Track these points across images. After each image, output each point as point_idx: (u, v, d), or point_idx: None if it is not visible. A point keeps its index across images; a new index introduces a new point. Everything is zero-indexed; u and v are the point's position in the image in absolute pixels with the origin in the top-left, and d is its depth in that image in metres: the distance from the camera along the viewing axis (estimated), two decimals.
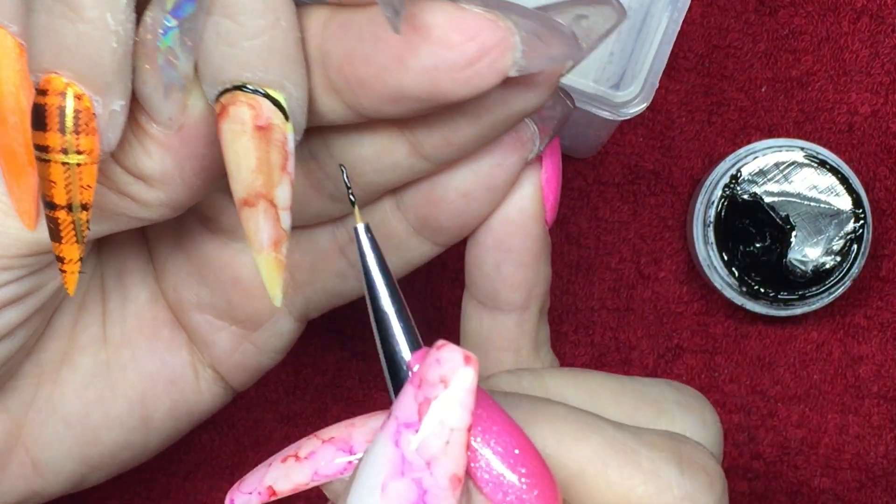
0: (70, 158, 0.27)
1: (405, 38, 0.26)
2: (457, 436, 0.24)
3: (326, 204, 0.32)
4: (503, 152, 0.31)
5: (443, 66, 0.26)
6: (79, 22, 0.26)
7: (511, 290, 0.33)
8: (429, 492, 0.24)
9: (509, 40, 0.26)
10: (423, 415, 0.24)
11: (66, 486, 0.36)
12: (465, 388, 0.24)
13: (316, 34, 0.27)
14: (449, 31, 0.26)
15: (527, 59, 0.26)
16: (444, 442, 0.24)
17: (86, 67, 0.26)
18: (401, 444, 0.24)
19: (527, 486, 0.25)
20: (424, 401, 0.24)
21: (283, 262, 0.28)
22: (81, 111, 0.26)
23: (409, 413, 0.24)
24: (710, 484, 0.27)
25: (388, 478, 0.24)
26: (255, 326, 0.35)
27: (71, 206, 0.27)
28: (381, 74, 0.27)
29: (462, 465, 0.24)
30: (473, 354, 0.24)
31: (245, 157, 0.27)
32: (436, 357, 0.24)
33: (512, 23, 0.26)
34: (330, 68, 0.27)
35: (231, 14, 0.26)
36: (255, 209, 0.27)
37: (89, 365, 0.35)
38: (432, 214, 0.32)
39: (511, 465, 0.25)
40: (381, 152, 0.30)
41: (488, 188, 0.31)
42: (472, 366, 0.24)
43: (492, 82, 0.26)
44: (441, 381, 0.24)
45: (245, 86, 0.26)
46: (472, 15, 0.26)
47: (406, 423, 0.24)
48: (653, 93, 0.39)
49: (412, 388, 0.24)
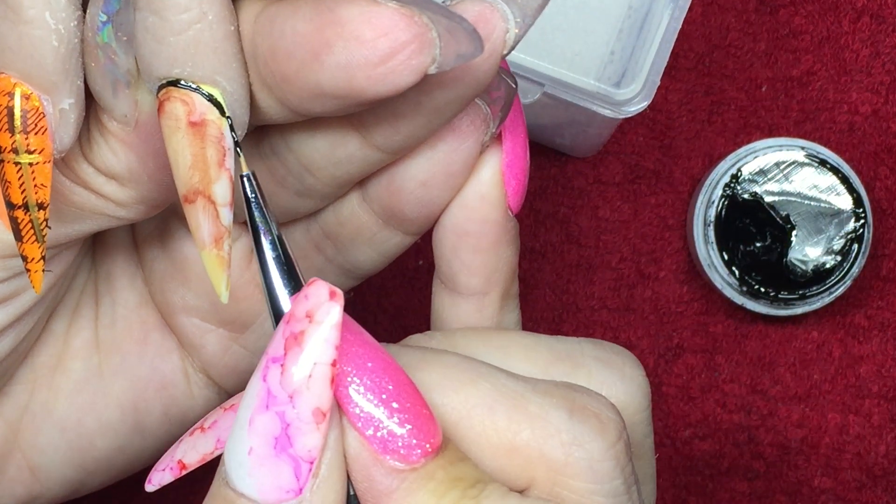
0: (22, 158, 0.27)
1: (321, 32, 0.26)
2: (320, 370, 0.24)
3: (293, 200, 0.32)
4: (457, 137, 0.30)
5: (356, 63, 0.25)
6: (19, 22, 0.26)
7: (469, 274, 0.32)
8: (291, 425, 0.24)
9: (425, 36, 0.25)
10: (289, 349, 0.24)
11: (63, 491, 0.36)
12: (331, 323, 0.24)
13: (248, 28, 0.27)
14: (361, 26, 0.25)
15: (442, 55, 0.26)
16: (307, 376, 0.24)
17: (30, 67, 0.26)
18: (267, 378, 0.24)
19: (399, 420, 0.25)
20: (290, 336, 0.24)
21: (225, 258, 0.27)
22: (30, 110, 0.26)
23: (276, 348, 0.24)
24: (601, 430, 0.27)
25: (255, 411, 0.24)
26: (242, 329, 0.35)
27: (27, 206, 0.27)
28: (301, 70, 0.26)
29: (326, 399, 0.24)
30: (339, 290, 0.24)
31: (181, 154, 0.26)
32: (304, 293, 0.24)
33: (427, 18, 0.25)
34: (259, 63, 0.27)
35: (156, 9, 0.25)
36: (195, 206, 0.27)
37: (81, 370, 0.35)
38: (396, 205, 0.31)
39: (383, 401, 0.25)
40: (334, 145, 0.30)
41: (447, 174, 0.31)
42: (338, 301, 0.24)
43: (410, 80, 0.26)
44: (307, 316, 0.24)
45: (180, 81, 0.26)
46: (386, 10, 0.25)
47: (273, 358, 0.24)
48: (654, 91, 0.39)
49: (282, 324, 0.24)
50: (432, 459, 0.25)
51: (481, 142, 0.30)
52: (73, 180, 0.29)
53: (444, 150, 0.30)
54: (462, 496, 0.25)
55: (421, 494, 0.25)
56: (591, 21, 0.44)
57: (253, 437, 0.24)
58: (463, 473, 0.25)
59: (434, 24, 0.26)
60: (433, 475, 0.25)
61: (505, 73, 0.31)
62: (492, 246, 0.32)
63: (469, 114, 0.30)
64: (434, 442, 0.25)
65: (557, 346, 0.30)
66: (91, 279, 0.35)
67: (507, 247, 0.32)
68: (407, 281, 0.50)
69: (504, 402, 0.27)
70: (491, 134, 0.30)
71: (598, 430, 0.27)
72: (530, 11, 0.28)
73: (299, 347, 0.24)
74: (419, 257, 0.50)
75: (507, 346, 0.30)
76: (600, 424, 0.27)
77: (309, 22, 0.26)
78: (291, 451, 0.24)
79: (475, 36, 0.26)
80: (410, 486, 0.25)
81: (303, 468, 0.24)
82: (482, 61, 0.27)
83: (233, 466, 0.24)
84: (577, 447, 0.26)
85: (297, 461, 0.24)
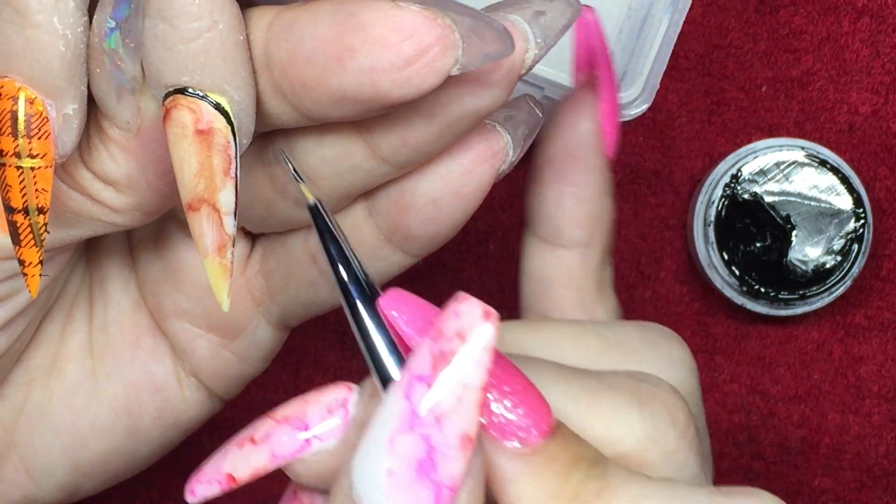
0: (24, 162, 0.26)
1: (344, 38, 0.26)
2: (470, 394, 0.23)
3: (292, 209, 0.32)
4: (472, 160, 0.30)
5: (380, 67, 0.26)
6: (26, 26, 0.25)
7: (574, 226, 0.32)
8: (437, 450, 0.23)
9: (449, 38, 0.26)
10: (438, 369, 0.23)
11: (59, 493, 0.36)
12: (483, 344, 0.23)
13: (261, 36, 0.27)
14: (385, 30, 0.25)
15: (466, 56, 0.26)
16: (457, 399, 0.23)
17: (35, 71, 0.26)
18: (412, 397, 0.23)
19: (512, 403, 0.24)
20: (440, 354, 0.23)
21: (228, 266, 0.27)
22: (34, 115, 0.26)
23: (422, 366, 0.23)
24: (672, 420, 0.27)
25: (397, 432, 0.23)
26: (233, 335, 0.35)
27: (27, 210, 0.27)
28: (322, 76, 0.26)
29: (474, 425, 0.23)
30: (494, 310, 0.23)
31: (187, 162, 0.26)
32: (454, 310, 0.23)
33: (451, 20, 0.26)
34: (274, 70, 0.27)
35: (167, 17, 0.25)
36: (199, 213, 0.27)
37: (75, 372, 0.35)
38: (402, 221, 0.31)
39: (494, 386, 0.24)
40: (340, 155, 0.29)
41: (457, 196, 0.30)
42: (492, 322, 0.23)
43: (433, 82, 0.26)
44: (458, 336, 0.23)
45: (187, 89, 0.26)
46: (409, 13, 0.25)
47: (419, 377, 0.23)
48: (653, 94, 0.39)
49: (428, 341, 0.23)
50: (551, 440, 0.25)
51: (497, 168, 0.30)
52: (71, 185, 0.29)
53: (458, 171, 0.30)
54: (587, 476, 0.25)
55: (548, 476, 0.24)
56: None
57: (393, 459, 0.23)
58: (584, 452, 0.25)
59: (457, 25, 0.26)
60: (556, 456, 0.25)
61: (533, 102, 0.31)
62: (595, 196, 0.32)
63: (488, 139, 0.30)
64: (549, 421, 0.25)
65: (606, 333, 0.30)
66: (85, 282, 0.35)
67: (607, 197, 0.32)
68: (407, 281, 0.50)
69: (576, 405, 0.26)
70: (510, 163, 0.30)
71: (669, 422, 0.27)
72: (552, 33, 0.28)
73: (449, 368, 0.23)
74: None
75: (555, 338, 0.30)
76: (670, 415, 0.27)
77: (330, 27, 0.26)
78: (434, 476, 0.23)
79: (505, 35, 0.26)
80: (535, 469, 0.24)
81: (444, 495, 0.23)
82: (499, 78, 0.27)
83: (367, 486, 0.23)
84: (653, 442, 0.26)
85: (439, 487, 0.23)
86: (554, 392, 0.26)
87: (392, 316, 0.25)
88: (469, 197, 0.30)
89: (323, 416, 0.26)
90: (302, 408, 0.26)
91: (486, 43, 0.26)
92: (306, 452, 0.26)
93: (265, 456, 0.26)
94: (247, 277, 0.34)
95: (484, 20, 0.26)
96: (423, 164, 0.30)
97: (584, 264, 0.33)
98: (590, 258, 0.33)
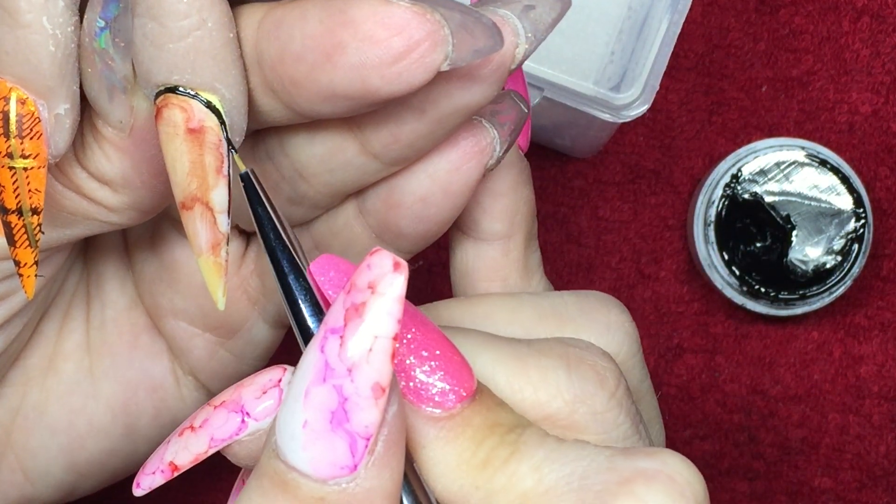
0: (17, 163, 0.26)
1: (333, 34, 0.26)
2: (381, 343, 0.23)
3: (284, 207, 0.31)
4: (460, 157, 0.30)
5: (370, 63, 0.26)
6: (16, 26, 0.25)
7: (492, 219, 0.32)
8: (349, 399, 0.23)
9: (439, 34, 0.25)
10: (350, 321, 0.23)
11: (56, 493, 0.36)
12: (394, 295, 0.23)
13: (251, 33, 0.27)
14: (375, 26, 0.25)
15: (455, 52, 0.26)
16: (368, 349, 0.23)
17: (26, 71, 0.26)
18: (325, 349, 0.23)
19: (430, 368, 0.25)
20: (351, 306, 0.23)
21: (222, 265, 0.27)
22: (26, 115, 0.26)
23: (336, 318, 0.23)
24: (600, 381, 0.27)
25: (311, 384, 0.23)
26: (229, 334, 0.35)
27: (21, 211, 0.27)
28: (312, 73, 0.26)
29: (386, 375, 0.23)
30: (404, 261, 0.23)
31: (179, 160, 0.26)
32: (367, 263, 0.23)
33: (440, 16, 0.26)
34: (265, 68, 0.27)
35: (155, 16, 0.25)
36: (192, 212, 0.27)
37: (73, 372, 0.35)
38: (392, 219, 0.31)
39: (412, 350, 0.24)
40: (332, 151, 0.29)
41: (445, 193, 0.30)
42: (402, 272, 0.23)
43: (423, 78, 0.26)
44: (369, 287, 0.23)
45: (178, 88, 0.26)
46: (398, 9, 0.25)
47: (332, 329, 0.23)
48: (653, 95, 0.39)
49: (342, 295, 0.23)
50: (468, 406, 0.25)
51: (485, 164, 0.30)
52: (66, 185, 0.29)
53: (446, 168, 0.30)
54: (500, 441, 0.25)
55: (460, 441, 0.25)
56: (591, 23, 0.44)
57: (308, 410, 0.23)
58: (500, 419, 0.25)
59: (447, 20, 0.26)
60: (470, 421, 0.25)
61: (518, 98, 0.31)
62: (510, 188, 0.32)
63: (475, 135, 0.30)
64: (468, 387, 0.25)
65: (542, 303, 0.30)
66: (82, 281, 0.35)
67: (524, 187, 0.32)
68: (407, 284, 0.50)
69: (505, 370, 0.27)
70: (497, 158, 0.30)
71: (597, 382, 0.27)
72: (542, 27, 0.28)
73: (360, 319, 0.23)
74: (419, 258, 0.50)
75: (490, 312, 0.30)
76: (598, 376, 0.27)
77: (320, 24, 0.26)
78: (348, 426, 0.23)
79: (494, 31, 0.26)
80: (448, 434, 0.25)
81: (359, 444, 0.23)
82: (489, 73, 0.27)
83: (285, 439, 0.23)
84: (581, 403, 0.27)
85: (353, 437, 0.23)
86: (482, 359, 0.27)
87: (321, 281, 0.26)
88: (457, 194, 0.30)
89: (257, 396, 0.26)
90: (237, 392, 0.26)
91: (476, 39, 0.26)
92: (243, 433, 0.26)
93: (204, 441, 0.26)
94: (242, 276, 0.34)
95: (473, 16, 0.26)
96: (414, 161, 0.30)
97: (506, 255, 0.33)
98: (511, 249, 0.33)
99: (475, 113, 0.29)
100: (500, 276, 0.33)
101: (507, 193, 0.32)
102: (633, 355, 0.30)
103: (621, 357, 0.30)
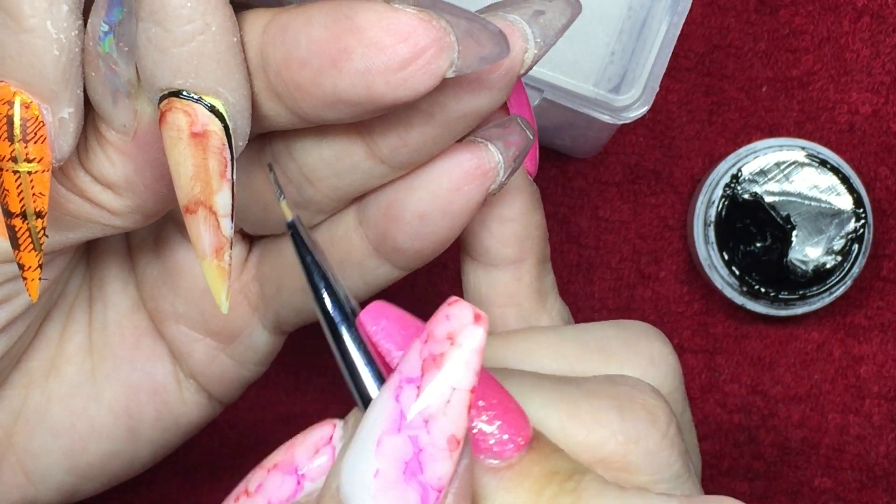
0: (21, 167, 0.26)
1: (339, 40, 0.26)
2: (459, 396, 0.23)
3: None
4: (462, 177, 0.30)
5: (375, 69, 0.25)
6: (20, 31, 0.25)
7: (502, 245, 0.32)
8: (424, 450, 0.23)
9: (445, 40, 0.25)
10: (427, 372, 0.23)
11: (58, 496, 0.36)
12: (473, 347, 0.23)
13: (256, 38, 0.27)
14: (381, 32, 0.25)
15: (461, 59, 0.26)
16: (445, 401, 0.23)
17: (30, 76, 0.26)
18: (400, 399, 0.23)
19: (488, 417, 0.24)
20: (429, 357, 0.23)
21: (225, 269, 0.27)
22: (30, 119, 0.26)
23: (412, 368, 0.23)
24: (652, 421, 0.27)
25: (385, 433, 0.23)
26: (229, 339, 0.35)
27: (25, 214, 0.27)
28: (317, 79, 0.26)
29: (462, 427, 0.23)
30: (484, 313, 0.23)
31: (183, 164, 0.26)
32: (445, 313, 0.23)
33: (446, 22, 0.26)
34: (270, 73, 0.27)
35: (159, 20, 0.25)
36: (196, 216, 0.27)
37: (75, 374, 0.35)
38: (390, 233, 0.31)
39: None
40: (339, 155, 0.29)
41: (444, 212, 0.30)
42: (482, 325, 0.23)
43: (429, 84, 0.26)
44: (448, 338, 0.23)
45: (182, 92, 0.26)
46: (404, 15, 0.25)
47: (408, 378, 0.23)
48: (653, 96, 0.39)
49: (419, 344, 0.23)
50: (526, 454, 0.25)
51: (486, 187, 0.30)
52: (69, 188, 0.29)
53: (447, 187, 0.30)
54: (560, 490, 0.25)
55: (520, 492, 0.25)
56: (591, 24, 0.44)
57: (381, 459, 0.23)
58: (558, 466, 0.25)
59: (453, 27, 0.26)
60: (529, 471, 0.25)
61: (524, 123, 0.31)
62: (520, 213, 0.32)
63: (479, 157, 0.30)
64: (525, 435, 0.25)
65: (584, 338, 0.30)
66: (85, 284, 0.35)
67: (534, 212, 0.32)
68: (407, 283, 0.50)
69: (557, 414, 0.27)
70: (500, 183, 0.30)
71: (650, 423, 0.27)
72: (552, 32, 0.28)
73: (438, 370, 0.23)
74: None
75: (533, 349, 0.30)
76: (650, 415, 0.27)
77: (326, 29, 0.26)
78: (421, 477, 0.23)
79: (500, 38, 0.26)
80: (508, 485, 0.25)
81: (431, 496, 0.23)
82: (498, 78, 0.27)
83: (354, 488, 0.23)
84: (634, 444, 0.26)
85: (426, 488, 0.23)
86: (533, 403, 0.26)
87: (372, 331, 0.25)
88: (456, 214, 0.30)
89: (311, 456, 0.26)
90: (290, 452, 0.26)
91: (482, 46, 0.26)
92: (300, 495, 0.26)
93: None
94: (243, 282, 0.34)
95: (479, 22, 0.26)
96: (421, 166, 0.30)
97: (518, 281, 0.32)
98: (524, 274, 0.32)
99: (485, 117, 0.29)
100: (513, 303, 0.33)
101: (516, 219, 0.32)
102: (676, 388, 0.30)
103: (665, 390, 0.29)
